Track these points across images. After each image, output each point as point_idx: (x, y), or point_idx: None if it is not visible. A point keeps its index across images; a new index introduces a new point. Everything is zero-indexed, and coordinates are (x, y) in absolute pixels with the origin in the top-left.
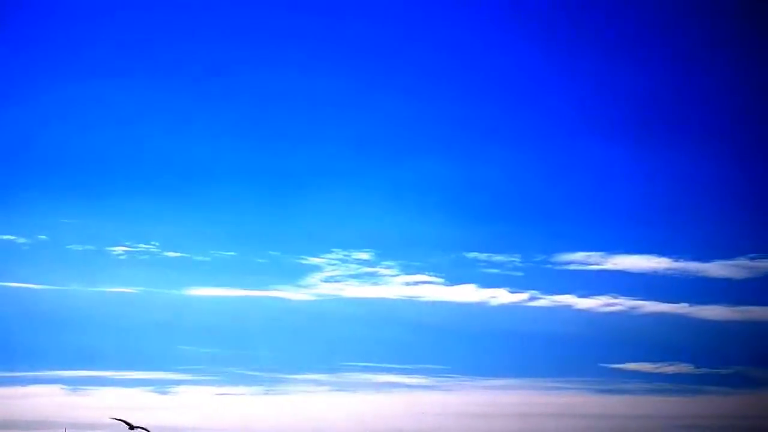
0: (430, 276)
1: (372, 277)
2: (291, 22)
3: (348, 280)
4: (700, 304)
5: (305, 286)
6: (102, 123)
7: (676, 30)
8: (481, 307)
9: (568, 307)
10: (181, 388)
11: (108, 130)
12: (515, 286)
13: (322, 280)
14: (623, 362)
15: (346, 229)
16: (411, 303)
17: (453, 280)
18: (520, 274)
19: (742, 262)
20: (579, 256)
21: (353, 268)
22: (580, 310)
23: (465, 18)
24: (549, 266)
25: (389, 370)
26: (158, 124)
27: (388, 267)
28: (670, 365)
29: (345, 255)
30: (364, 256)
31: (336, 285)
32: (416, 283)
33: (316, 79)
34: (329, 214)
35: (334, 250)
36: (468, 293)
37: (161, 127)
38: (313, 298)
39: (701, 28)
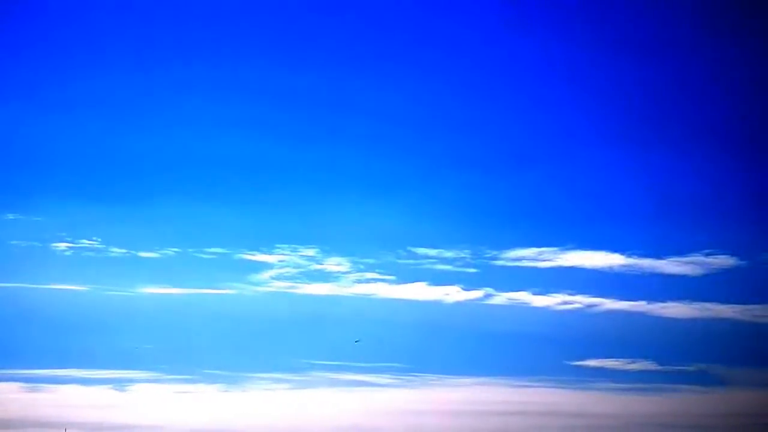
0: (381, 274)
1: (322, 275)
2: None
3: (298, 278)
4: (658, 301)
5: (256, 284)
6: (42, 118)
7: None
8: (436, 305)
9: (525, 305)
10: (140, 386)
11: (48, 125)
12: (468, 283)
13: (272, 278)
14: (586, 360)
15: (290, 225)
16: (364, 300)
17: (404, 277)
18: (472, 270)
19: (697, 258)
20: (530, 252)
21: (302, 266)
22: (537, 308)
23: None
24: (500, 263)
25: (349, 368)
26: (99, 118)
27: (338, 264)
28: (634, 362)
29: (291, 252)
30: (310, 252)
31: (287, 283)
32: (367, 280)
33: (268, 71)
34: (271, 210)
35: (278, 246)
36: (420, 291)
37: (102, 122)
38: (265, 295)
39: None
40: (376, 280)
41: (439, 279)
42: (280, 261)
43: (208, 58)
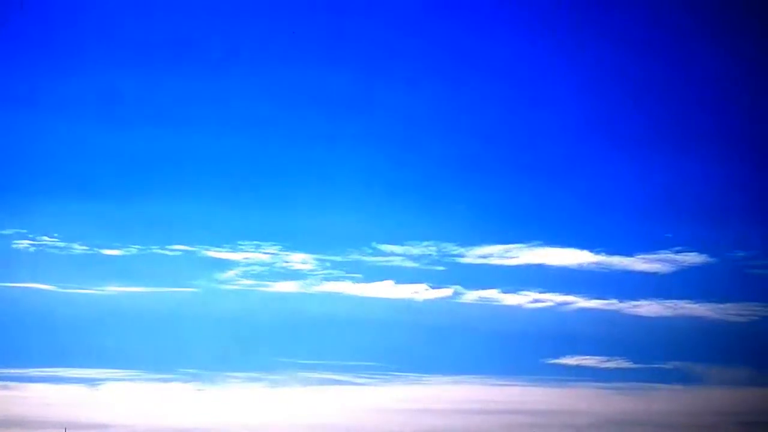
0: (347, 272)
1: (288, 273)
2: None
3: (265, 276)
4: (630, 299)
5: (222, 282)
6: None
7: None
8: (405, 304)
9: (496, 303)
10: (112, 385)
11: (5, 121)
12: (435, 281)
13: (239, 276)
14: (562, 358)
15: (254, 222)
16: (332, 298)
17: (370, 275)
18: (439, 268)
19: (667, 255)
20: (496, 249)
21: (268, 264)
22: (509, 306)
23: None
24: (467, 260)
25: (322, 367)
26: (57, 114)
27: (304, 262)
28: (610, 361)
29: (256, 249)
30: (275, 250)
31: (254, 281)
32: (334, 278)
33: (233, 65)
34: (235, 207)
35: (243, 243)
36: (388, 289)
37: (61, 118)
38: (232, 294)
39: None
40: (342, 278)
41: (406, 277)
42: (245, 259)
43: (176, 59)
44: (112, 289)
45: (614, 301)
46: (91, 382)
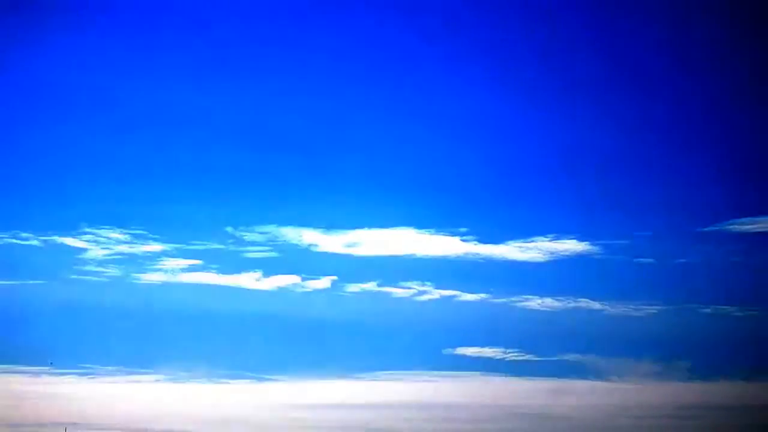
0: (213, 262)
1: (151, 263)
2: None
3: (127, 266)
4: (517, 293)
5: (79, 273)
6: None
7: None
8: (279, 296)
9: (380, 295)
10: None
11: None
12: (307, 272)
13: (100, 265)
14: (459, 350)
15: (112, 209)
16: (199, 289)
17: (233, 266)
18: (306, 258)
19: (542, 243)
20: (359, 235)
21: (129, 254)
22: (394, 299)
23: None
24: (330, 249)
25: (197, 364)
26: None
27: (164, 252)
28: (507, 353)
29: (114, 239)
30: (135, 239)
31: (117, 271)
32: (199, 268)
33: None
34: (90, 195)
35: (100, 232)
36: (255, 281)
37: None
38: (92, 285)
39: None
40: (207, 269)
41: (272, 268)
42: (105, 248)
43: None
44: None
45: (500, 294)
46: None
